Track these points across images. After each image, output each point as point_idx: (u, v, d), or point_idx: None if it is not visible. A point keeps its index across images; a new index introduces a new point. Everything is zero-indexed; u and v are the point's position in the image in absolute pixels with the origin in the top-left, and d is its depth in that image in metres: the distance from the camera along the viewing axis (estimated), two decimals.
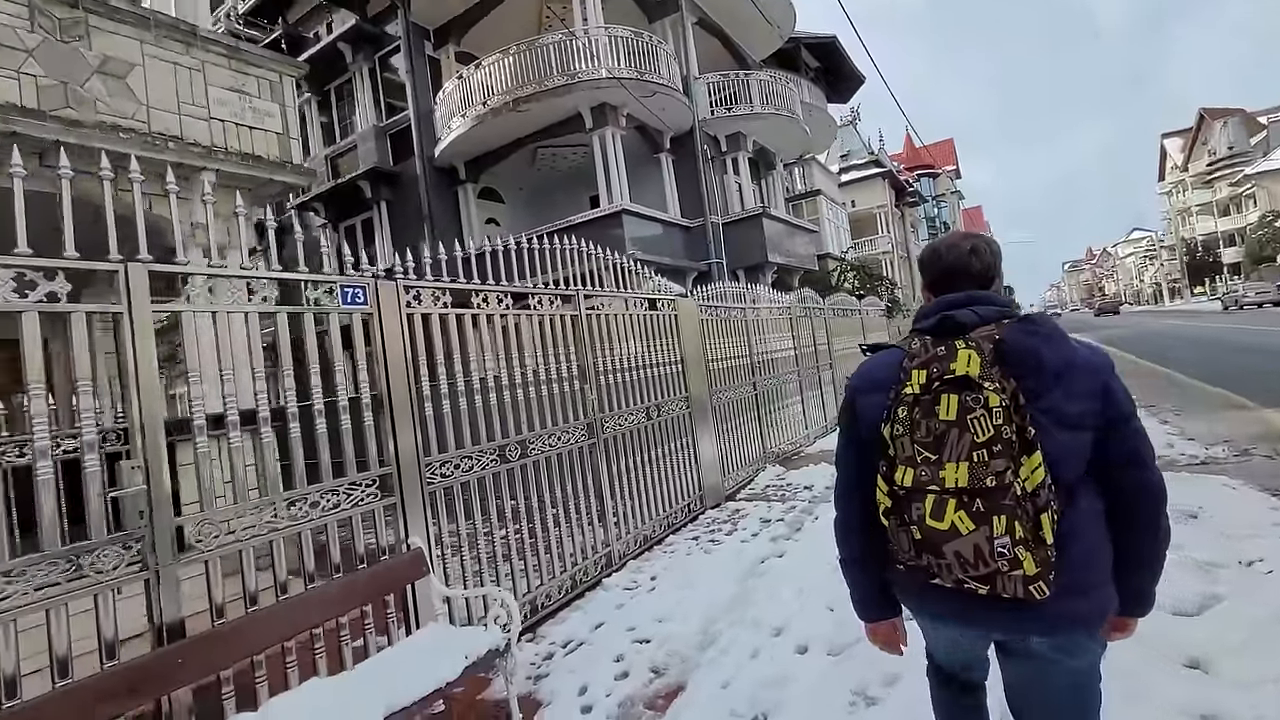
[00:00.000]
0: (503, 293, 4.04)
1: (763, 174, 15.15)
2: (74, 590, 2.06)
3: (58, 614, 2.05)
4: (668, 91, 10.94)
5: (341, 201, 13.84)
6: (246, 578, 2.56)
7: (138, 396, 2.30)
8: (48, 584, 2.00)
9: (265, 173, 5.27)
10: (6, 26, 4.05)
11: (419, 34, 12.74)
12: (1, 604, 1.91)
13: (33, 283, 2.09)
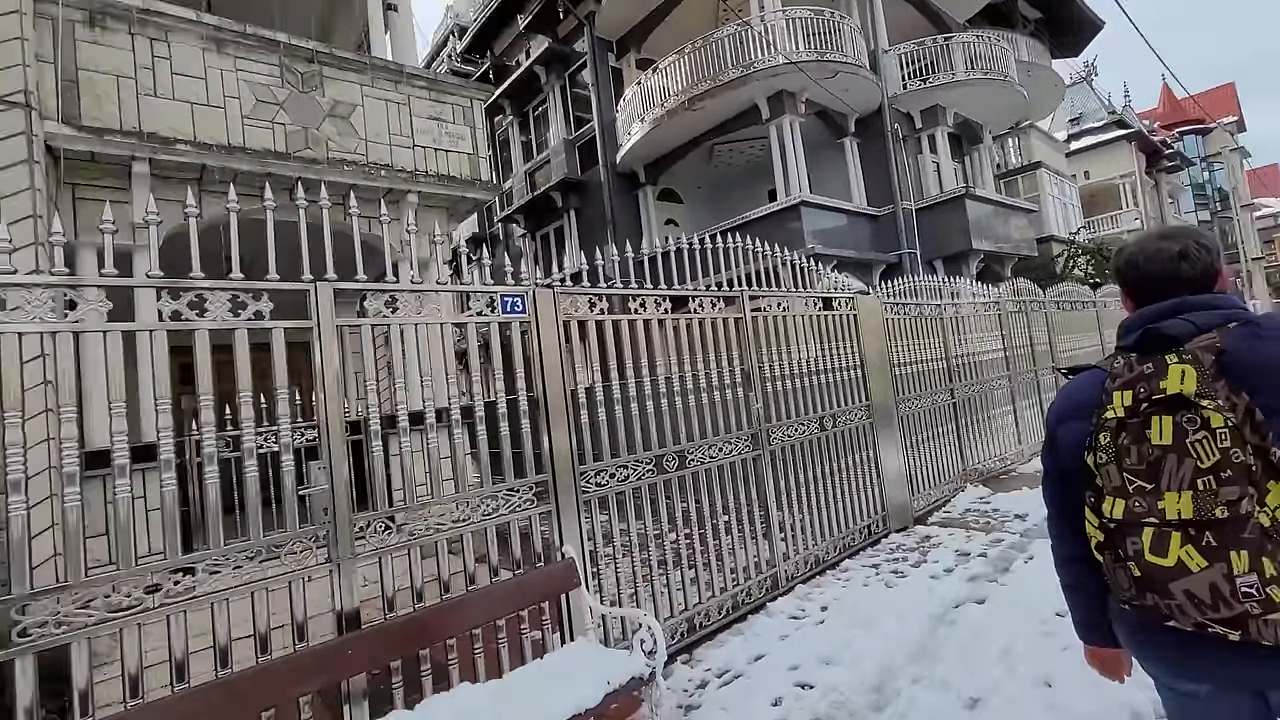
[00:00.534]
0: (661, 296, 3.91)
1: (966, 150, 13.32)
2: (271, 576, 2.32)
3: (258, 596, 2.33)
4: (852, 70, 10.05)
5: (538, 212, 15.00)
6: (414, 575, 2.72)
7: (324, 404, 2.54)
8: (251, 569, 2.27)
9: (458, 191, 5.77)
10: (264, 85, 4.87)
11: (602, 47, 13.28)
12: (216, 584, 2.20)
13: (244, 303, 2.40)
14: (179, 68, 4.50)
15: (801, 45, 9.78)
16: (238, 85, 4.73)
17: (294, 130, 4.94)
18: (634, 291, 3.78)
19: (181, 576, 2.14)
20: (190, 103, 4.51)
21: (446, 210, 5.94)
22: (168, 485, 2.21)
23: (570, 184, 13.79)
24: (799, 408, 4.74)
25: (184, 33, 4.53)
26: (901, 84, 11.35)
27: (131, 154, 4.26)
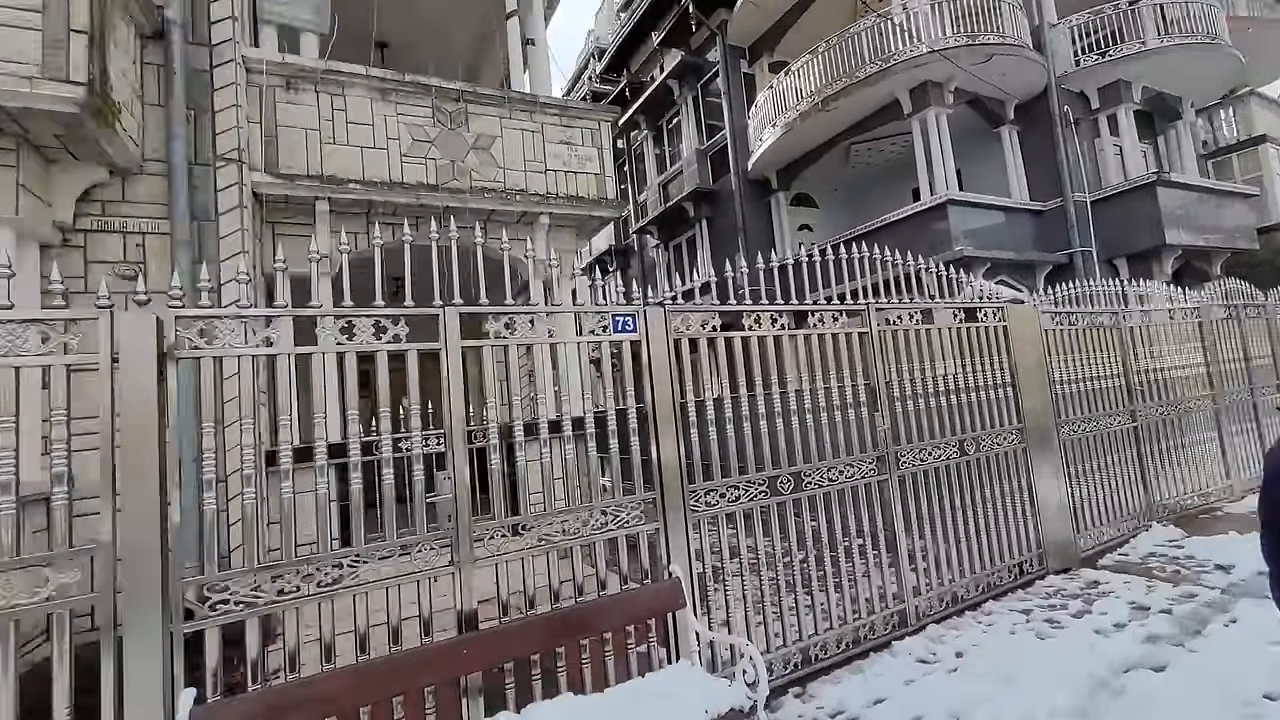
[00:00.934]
0: (777, 312, 3.79)
1: (1159, 128, 11.42)
2: (405, 574, 2.58)
3: (389, 591, 2.60)
4: (1010, 51, 9.06)
5: (670, 223, 15.27)
6: (527, 583, 2.88)
7: (449, 418, 2.78)
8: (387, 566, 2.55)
9: (586, 210, 6.04)
10: (419, 125, 5.45)
11: (734, 54, 13.21)
12: (359, 580, 2.49)
13: (384, 327, 2.70)
14: (352, 117, 5.18)
15: (949, 30, 9.00)
16: (398, 127, 5.34)
17: (443, 164, 5.47)
18: (748, 308, 3.71)
19: (330, 569, 2.45)
20: (360, 147, 5.17)
21: (576, 229, 6.23)
22: (321, 488, 2.55)
23: (702, 194, 13.84)
24: (934, 429, 4.36)
25: (357, 86, 5.21)
26: (1073, 61, 10.03)
27: (315, 195, 4.96)
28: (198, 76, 4.38)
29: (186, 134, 4.21)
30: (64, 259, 3.83)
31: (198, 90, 4.37)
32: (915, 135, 9.64)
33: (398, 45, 7.79)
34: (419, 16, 7.38)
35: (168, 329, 2.31)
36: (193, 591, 2.24)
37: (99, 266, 3.93)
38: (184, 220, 4.09)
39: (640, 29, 15.90)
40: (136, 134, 4.01)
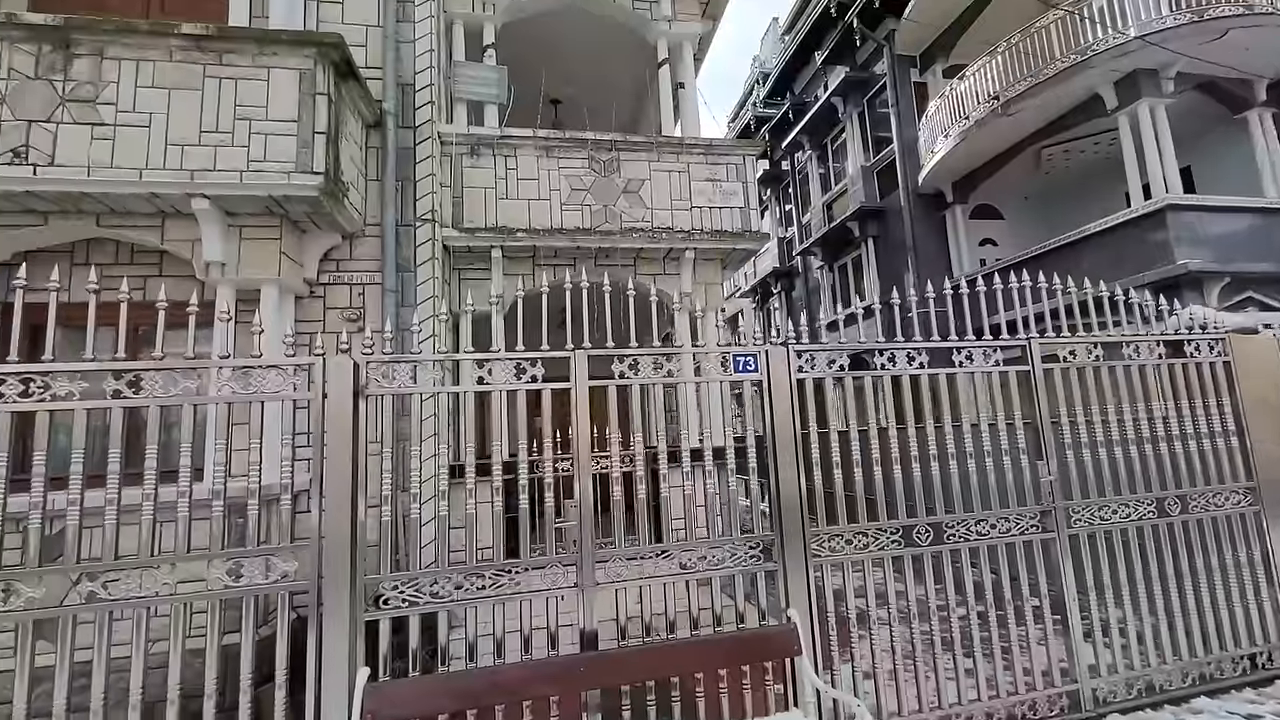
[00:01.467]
0: (915, 350, 3.59)
1: None
2: (536, 590, 2.91)
3: (522, 604, 2.93)
4: (1254, 21, 7.47)
5: (835, 244, 14.78)
6: (645, 610, 3.06)
7: (577, 451, 3.08)
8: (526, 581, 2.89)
9: (730, 243, 6.17)
10: (577, 175, 6.02)
11: (903, 64, 12.51)
12: (498, 590, 2.86)
13: (524, 368, 3.09)
14: (522, 174, 5.89)
15: (1165, 7, 7.68)
16: (559, 179, 5.96)
17: (596, 209, 5.97)
18: (879, 345, 3.56)
19: (473, 579, 2.85)
20: (527, 199, 5.86)
21: (720, 262, 6.39)
22: (497, 505, 2.98)
23: (867, 212, 13.21)
24: (1122, 483, 3.75)
25: (526, 146, 5.92)
26: None
27: (490, 244, 5.72)
28: (404, 153, 5.33)
29: (395, 201, 5.14)
30: (309, 306, 4.88)
31: (404, 164, 5.31)
32: (1123, 133, 8.32)
33: (566, 99, 8.64)
34: (583, 74, 8.13)
35: (361, 371, 2.90)
36: (372, 587, 2.76)
37: (333, 312, 4.93)
38: (391, 272, 4.98)
39: (803, 50, 15.73)
40: (360, 205, 4.99)
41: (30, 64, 3.83)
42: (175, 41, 3.99)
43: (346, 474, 2.79)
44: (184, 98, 3.99)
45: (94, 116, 3.85)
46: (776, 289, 18.48)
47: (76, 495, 2.50)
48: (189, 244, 4.23)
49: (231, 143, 4.02)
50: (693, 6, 6.91)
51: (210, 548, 2.66)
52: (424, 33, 5.53)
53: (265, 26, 4.81)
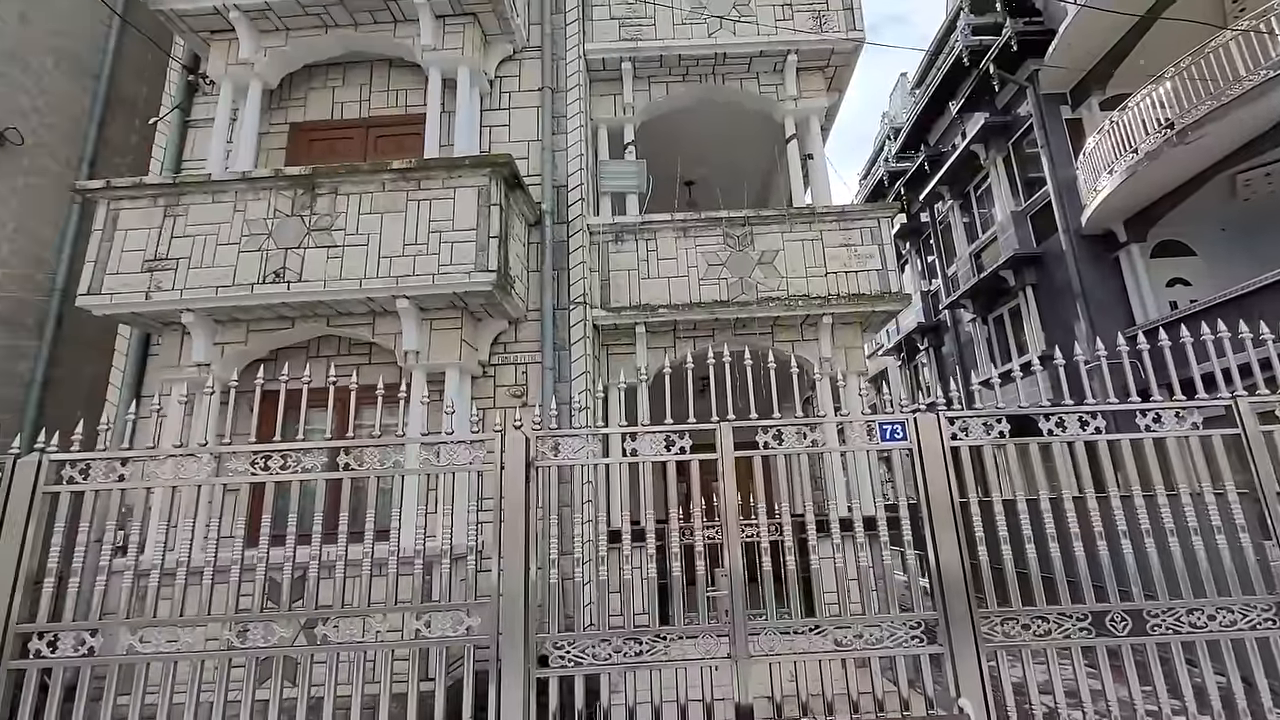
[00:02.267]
0: (1089, 413, 3.31)
1: None
2: (690, 658, 3.00)
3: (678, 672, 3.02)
4: None
5: (987, 294, 13.83)
6: (800, 688, 3.02)
7: (725, 521, 3.19)
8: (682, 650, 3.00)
9: (869, 306, 6.11)
10: (713, 251, 6.35)
11: (1051, 103, 11.80)
12: (654, 656, 3.00)
13: (672, 440, 3.30)
14: (661, 254, 6.35)
15: None
16: (696, 256, 6.33)
17: (733, 282, 6.24)
18: (1045, 410, 3.33)
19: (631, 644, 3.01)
20: (667, 277, 6.27)
21: (859, 325, 6.31)
22: (650, 572, 3.18)
23: (1023, 258, 12.28)
24: None
25: (664, 229, 6.40)
26: None
27: (634, 321, 6.16)
28: (559, 245, 6.00)
29: (553, 288, 5.77)
30: (482, 384, 5.55)
31: (559, 255, 5.98)
32: None
33: (699, 179, 9.19)
34: (713, 155, 8.63)
35: (532, 445, 3.28)
36: (541, 646, 3.02)
37: (501, 389, 5.56)
38: (550, 351, 5.55)
39: (936, 101, 15.38)
40: (524, 294, 5.67)
41: (288, 204, 4.94)
42: (387, 175, 4.95)
43: (520, 538, 3.12)
44: (392, 218, 4.90)
45: (329, 241, 4.85)
46: (923, 345, 17.45)
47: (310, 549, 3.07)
48: (392, 336, 5.07)
49: (426, 251, 4.83)
50: (818, 83, 7.19)
51: (412, 601, 3.09)
52: (575, 140, 6.30)
53: (452, 152, 5.78)
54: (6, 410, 5.60)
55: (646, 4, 6.86)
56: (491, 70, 6.32)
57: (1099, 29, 10.42)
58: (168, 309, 4.80)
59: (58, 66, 6.52)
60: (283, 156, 6.08)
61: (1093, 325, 10.26)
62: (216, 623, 3.10)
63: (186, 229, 4.86)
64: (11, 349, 5.88)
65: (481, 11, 5.95)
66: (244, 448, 3.21)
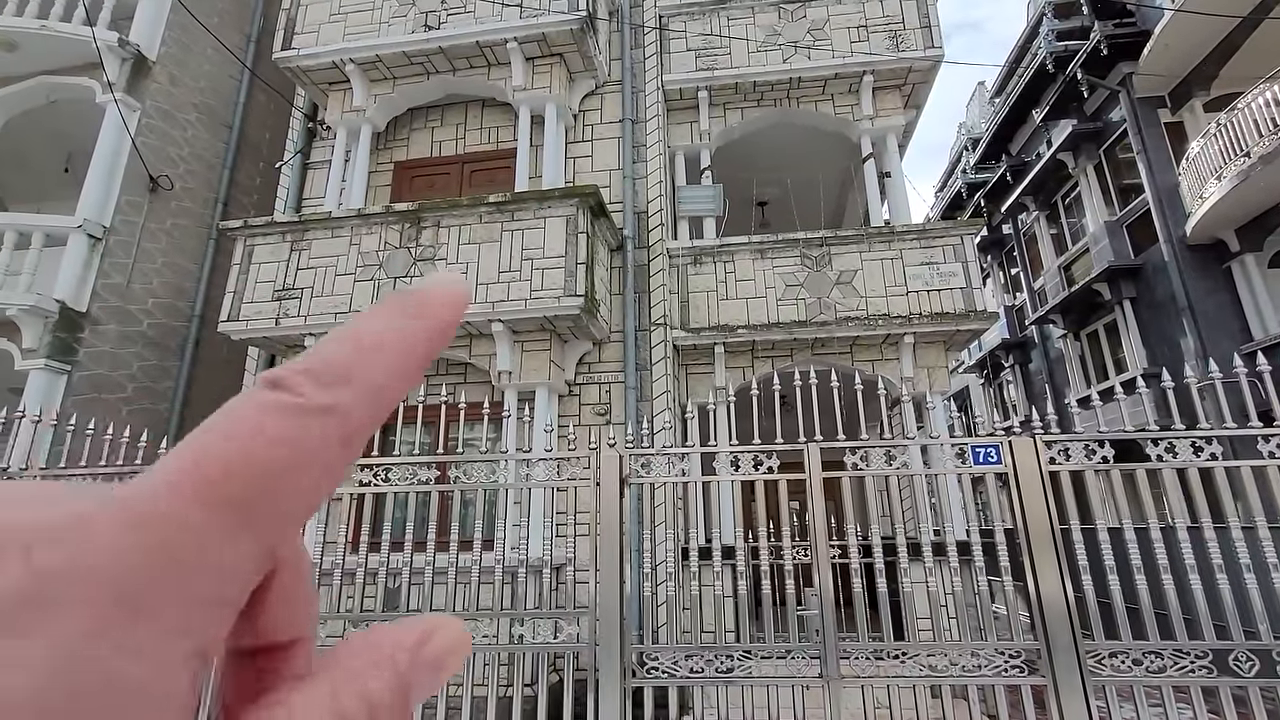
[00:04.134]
0: (1203, 438, 3.17)
1: None
2: (781, 677, 3.07)
3: (769, 690, 3.09)
4: None
5: (1079, 308, 13.10)
6: (894, 716, 3.02)
7: (814, 542, 3.25)
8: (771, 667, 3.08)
9: (952, 325, 6.00)
10: (790, 272, 6.41)
11: (1147, 107, 11.16)
12: (746, 673, 3.08)
13: (760, 461, 3.39)
14: (739, 276, 6.46)
15: None
16: (773, 277, 6.41)
17: (810, 302, 6.27)
18: (1151, 434, 3.22)
19: (725, 658, 3.11)
20: (745, 298, 6.37)
21: (943, 344, 6.19)
22: (741, 589, 3.29)
23: (1119, 271, 11.57)
24: None
25: (741, 251, 6.52)
26: None
27: (713, 341, 6.29)
28: (640, 269, 6.23)
29: (634, 311, 5.99)
30: (567, 403, 5.81)
31: (640, 278, 6.20)
32: None
33: (773, 199, 9.26)
34: (788, 175, 8.69)
35: (625, 463, 3.45)
36: (633, 656, 3.17)
37: (586, 407, 5.80)
38: (632, 371, 5.75)
39: (1018, 109, 14.82)
40: (607, 316, 5.92)
41: (396, 237, 5.40)
42: (484, 208, 5.33)
43: (615, 552, 3.30)
44: (488, 247, 5.26)
45: (432, 270, 5.25)
46: (1008, 362, 16.62)
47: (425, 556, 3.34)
48: (487, 357, 5.41)
49: (519, 277, 5.16)
50: (894, 101, 7.16)
51: (515, 607, 3.31)
52: (654, 168, 6.55)
53: (540, 183, 6.14)
54: (154, 423, 6.33)
55: (722, 36, 7.06)
56: (576, 105, 6.68)
57: (1199, 28, 9.82)
58: (293, 333, 5.33)
59: (198, 119, 7.38)
60: (388, 193, 6.63)
61: (1203, 341, 9.55)
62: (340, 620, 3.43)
63: (310, 261, 5.40)
64: (159, 369, 6.65)
65: (567, 52, 6.32)
66: (370, 460, 3.55)
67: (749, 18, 7.16)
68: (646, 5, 7.27)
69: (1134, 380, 3.69)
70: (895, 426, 6.77)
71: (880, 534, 3.29)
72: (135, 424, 4.12)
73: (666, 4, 7.37)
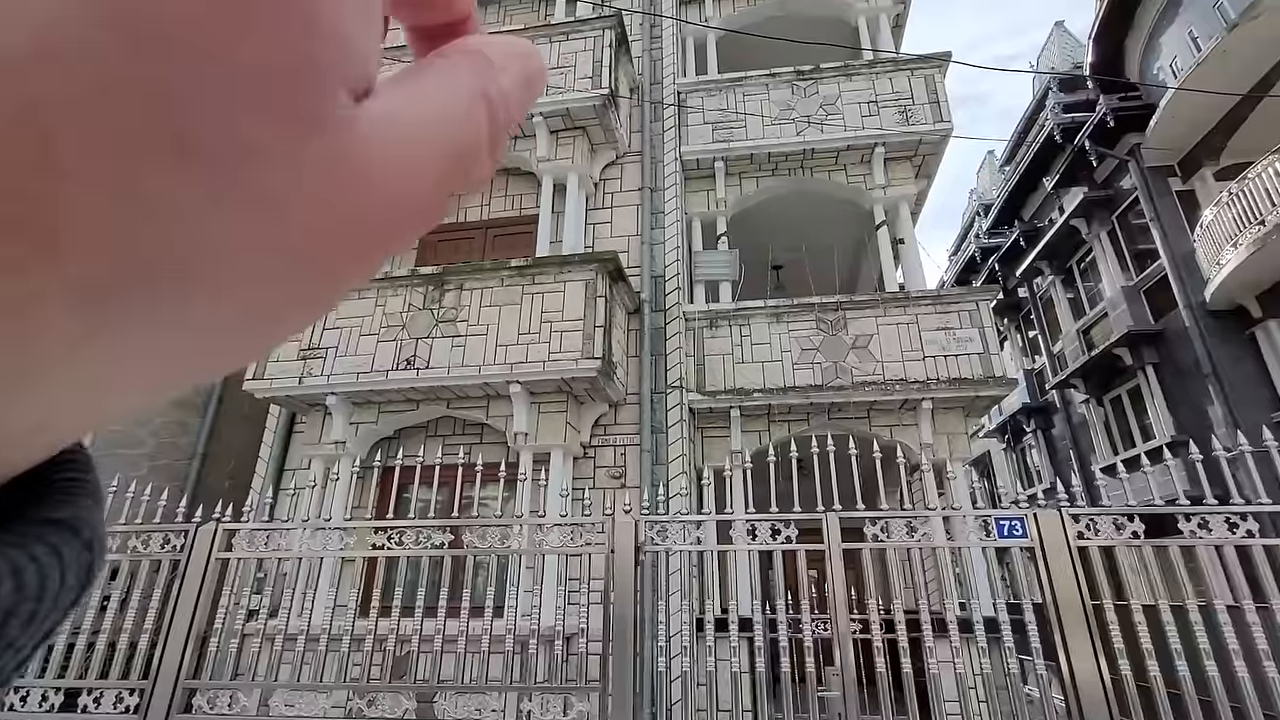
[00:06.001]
0: (1237, 514, 3.07)
1: None
2: None
3: None
4: None
5: (1101, 373, 12.93)
6: None
7: (835, 617, 3.15)
8: None
9: (971, 391, 5.95)
10: (806, 336, 6.46)
11: (1158, 175, 11.35)
12: None
13: (778, 530, 3.34)
14: (755, 339, 6.52)
15: None
16: (789, 341, 6.45)
17: (827, 366, 6.28)
18: (1183, 510, 3.12)
19: None
20: (761, 362, 6.41)
21: (962, 410, 6.13)
22: (759, 666, 3.17)
23: (1139, 336, 11.48)
24: None
25: (757, 315, 6.60)
26: None
27: (729, 405, 6.29)
28: (656, 332, 6.32)
29: (650, 373, 6.04)
30: (582, 465, 5.79)
31: (656, 341, 6.28)
32: None
33: (787, 264, 9.42)
34: (802, 241, 8.88)
35: (640, 529, 3.41)
36: None
37: (601, 470, 5.78)
38: (648, 434, 5.75)
39: (1028, 177, 15.14)
40: (624, 379, 5.97)
41: (420, 299, 5.56)
42: (506, 272, 5.50)
43: (629, 623, 3.22)
44: (509, 310, 5.39)
45: (453, 331, 5.39)
46: (1029, 427, 16.30)
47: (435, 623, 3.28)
48: (504, 419, 5.45)
49: (538, 340, 5.26)
50: (906, 171, 7.37)
51: (525, 680, 3.21)
52: (671, 234, 6.74)
53: (560, 248, 6.33)
54: (174, 479, 6.39)
55: (738, 111, 7.40)
56: (597, 174, 6.96)
57: (1204, 102, 10.08)
58: (316, 392, 5.43)
59: None
60: (414, 256, 6.88)
61: (1230, 409, 9.33)
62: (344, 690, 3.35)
63: (336, 321, 5.57)
64: (181, 425, 6.78)
65: (590, 126, 6.65)
66: (384, 523, 3.54)
67: (763, 93, 7.51)
68: (665, 83, 7.67)
69: (1161, 449, 3.60)
70: (915, 493, 6.62)
71: (903, 607, 3.18)
72: (156, 480, 4.19)
73: (685, 81, 7.76)
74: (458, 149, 0.16)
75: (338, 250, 0.15)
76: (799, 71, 7.46)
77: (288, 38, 0.12)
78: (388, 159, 0.14)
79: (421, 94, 0.16)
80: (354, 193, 0.14)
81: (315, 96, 0.13)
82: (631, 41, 7.57)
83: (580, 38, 6.74)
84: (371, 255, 0.16)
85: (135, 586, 3.55)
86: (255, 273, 0.13)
